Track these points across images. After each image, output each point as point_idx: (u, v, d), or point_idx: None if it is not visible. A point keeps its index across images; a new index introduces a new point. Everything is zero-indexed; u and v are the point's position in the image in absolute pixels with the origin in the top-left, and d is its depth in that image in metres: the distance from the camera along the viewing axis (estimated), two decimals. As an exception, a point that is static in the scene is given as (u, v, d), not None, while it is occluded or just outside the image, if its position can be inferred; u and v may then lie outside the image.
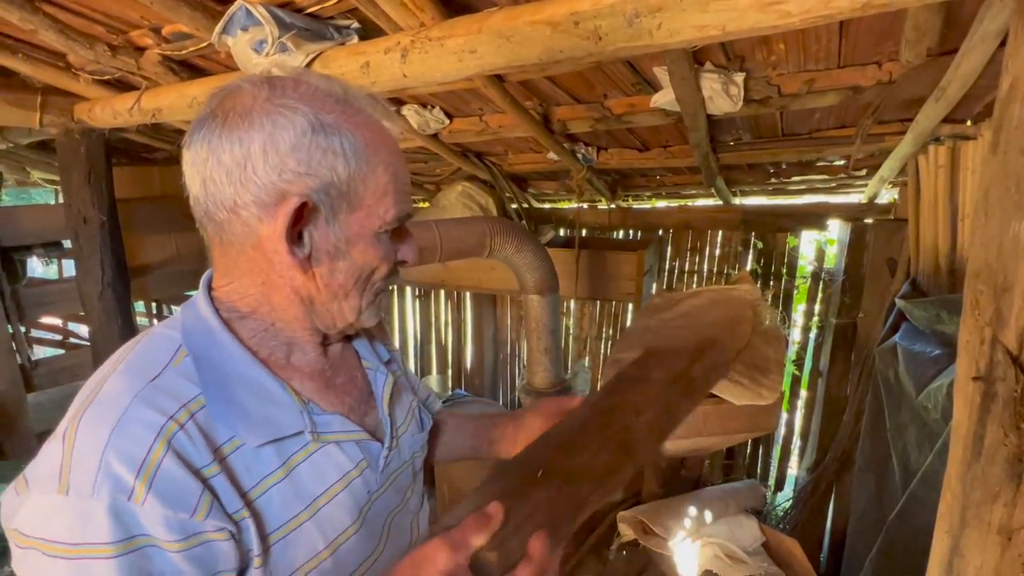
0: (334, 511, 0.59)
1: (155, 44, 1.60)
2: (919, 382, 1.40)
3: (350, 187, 0.54)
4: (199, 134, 0.53)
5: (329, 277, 0.57)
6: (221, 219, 0.54)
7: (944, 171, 1.50)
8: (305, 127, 0.51)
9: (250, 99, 0.52)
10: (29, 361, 2.23)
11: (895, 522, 1.41)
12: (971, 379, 0.67)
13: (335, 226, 0.55)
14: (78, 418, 0.48)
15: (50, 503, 0.45)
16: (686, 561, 1.18)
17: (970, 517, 0.66)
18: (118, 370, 0.52)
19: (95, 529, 0.45)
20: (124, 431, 0.47)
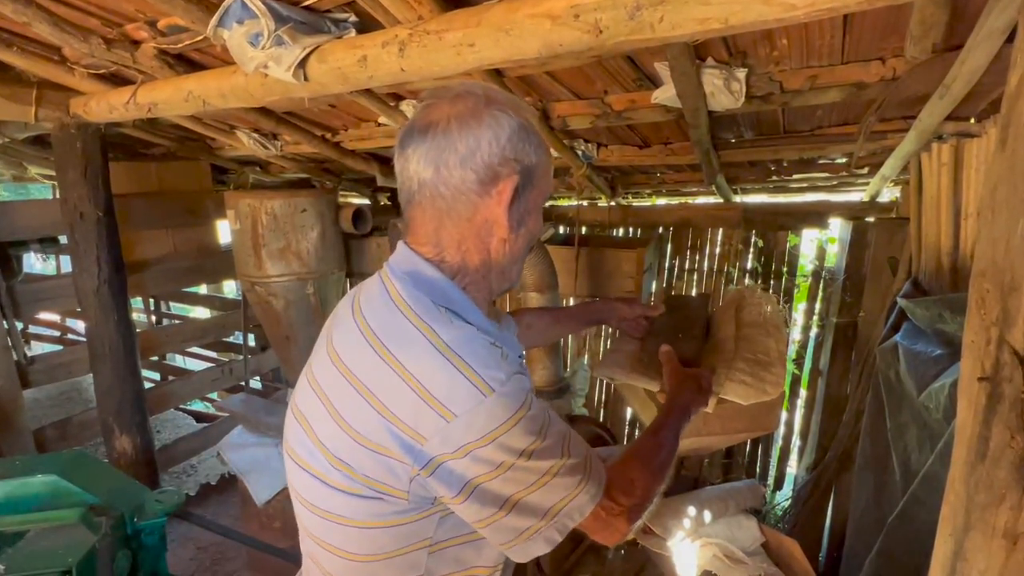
0: None
1: (150, 38, 1.58)
2: (920, 382, 1.38)
3: (536, 170, 0.71)
4: (433, 134, 0.66)
5: (514, 243, 0.73)
6: (447, 196, 0.68)
7: (947, 169, 1.48)
8: (516, 126, 0.68)
9: (475, 105, 0.67)
10: (25, 358, 2.21)
11: (895, 523, 1.40)
12: (976, 379, 0.65)
13: (524, 200, 0.71)
14: (445, 345, 0.62)
15: (490, 406, 0.60)
16: (685, 561, 1.17)
17: (974, 520, 0.65)
18: (425, 320, 0.65)
19: (520, 394, 0.62)
20: (480, 344, 0.64)
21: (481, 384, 0.60)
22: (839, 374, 2.26)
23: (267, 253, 2.42)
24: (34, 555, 1.22)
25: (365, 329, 0.67)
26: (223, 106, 1.59)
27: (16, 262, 2.29)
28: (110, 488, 1.45)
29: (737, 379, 1.17)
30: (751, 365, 1.21)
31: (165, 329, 3.44)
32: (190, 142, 2.86)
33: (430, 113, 0.68)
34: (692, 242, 2.59)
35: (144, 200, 2.69)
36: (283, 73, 1.26)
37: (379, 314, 0.68)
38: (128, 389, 2.35)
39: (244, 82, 1.43)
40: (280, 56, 1.23)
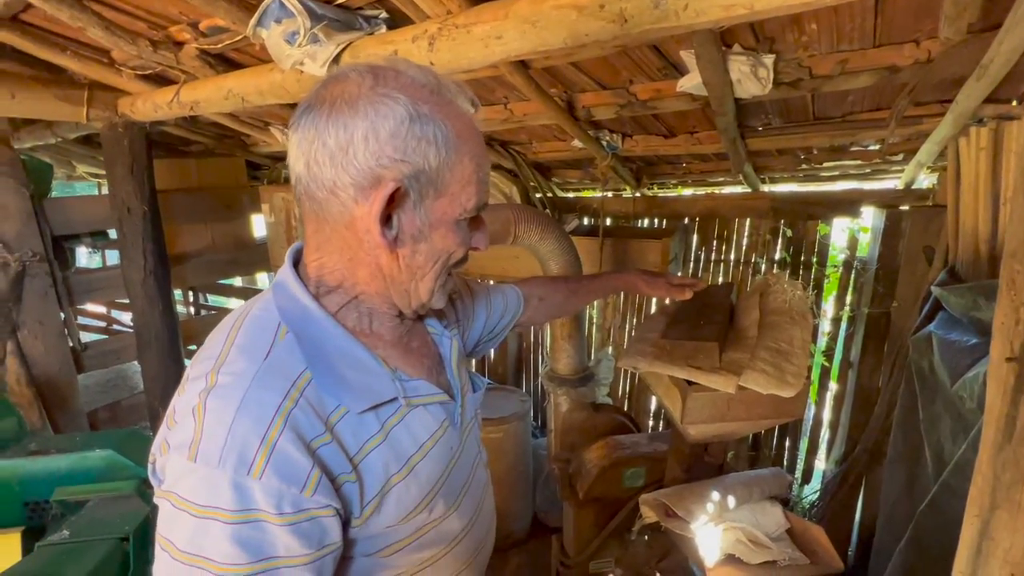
0: (427, 468, 0.66)
1: (193, 39, 1.67)
2: (954, 371, 1.36)
3: (439, 175, 0.58)
4: (307, 118, 0.56)
5: (410, 258, 0.62)
6: (320, 198, 0.58)
7: (986, 154, 1.44)
8: (404, 116, 0.55)
9: (355, 88, 0.55)
10: (79, 344, 2.36)
11: (926, 512, 1.38)
12: (1004, 360, 0.66)
13: (421, 211, 0.59)
14: (207, 394, 0.53)
15: (183, 466, 0.52)
16: (708, 544, 1.18)
17: (1000, 499, 0.66)
18: (231, 353, 0.57)
19: (217, 496, 0.51)
20: (247, 411, 0.52)
21: (194, 444, 0.51)
22: (871, 366, 2.21)
23: (300, 245, 2.51)
24: (95, 522, 1.32)
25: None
26: (260, 103, 1.66)
27: (70, 255, 2.44)
28: (160, 464, 1.55)
29: (759, 368, 1.18)
30: (773, 355, 1.21)
31: (204, 319, 3.59)
32: (227, 139, 2.97)
33: (321, 91, 0.57)
34: (719, 232, 2.57)
35: (184, 195, 2.81)
36: (318, 70, 1.31)
37: (227, 321, 0.63)
38: (172, 375, 2.48)
39: (281, 79, 1.49)
40: (315, 53, 1.28)
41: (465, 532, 0.75)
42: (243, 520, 0.51)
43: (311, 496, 0.53)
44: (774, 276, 1.41)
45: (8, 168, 2.07)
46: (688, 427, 1.22)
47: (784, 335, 1.24)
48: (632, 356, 1.28)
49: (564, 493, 1.72)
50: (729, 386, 1.12)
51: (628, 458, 1.64)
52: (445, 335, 0.77)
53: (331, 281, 0.63)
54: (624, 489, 1.65)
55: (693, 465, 1.45)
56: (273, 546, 0.52)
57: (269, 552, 0.52)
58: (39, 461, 1.43)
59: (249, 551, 0.51)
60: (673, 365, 1.20)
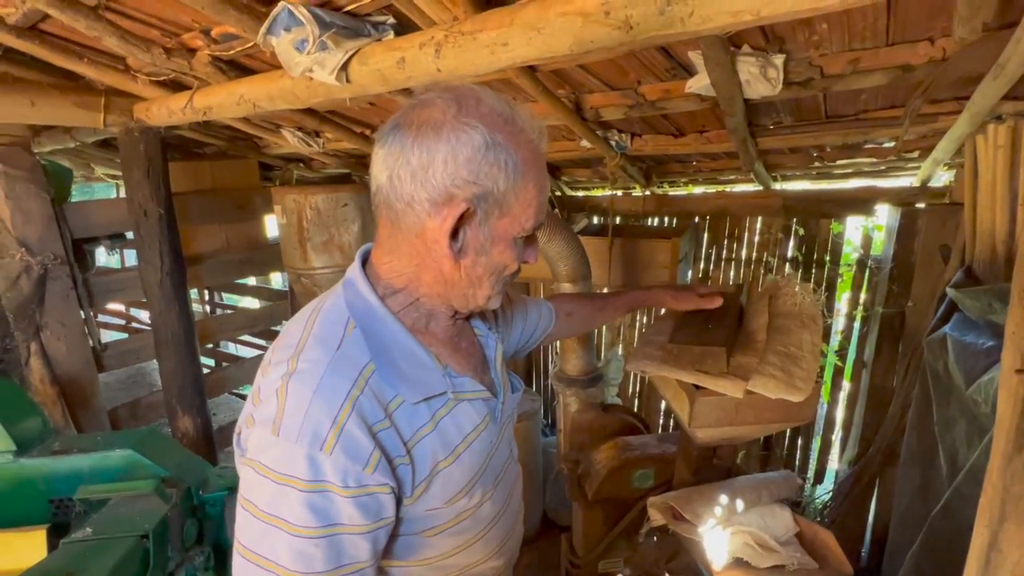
0: (469, 458, 0.73)
1: (205, 46, 1.69)
2: (969, 374, 1.34)
3: (504, 197, 0.64)
4: (394, 136, 0.63)
5: (471, 269, 0.68)
6: (398, 208, 0.64)
7: (1004, 151, 1.41)
8: (480, 144, 0.61)
9: (440, 114, 0.61)
10: (99, 344, 2.42)
11: (938, 517, 1.37)
12: (1015, 372, 0.65)
13: (485, 228, 0.66)
14: (288, 378, 0.61)
15: (267, 439, 0.59)
16: (716, 548, 1.18)
17: (1009, 511, 0.65)
18: (309, 341, 0.64)
19: (294, 466, 0.58)
20: (322, 395, 0.59)
21: (277, 421, 0.58)
22: (885, 366, 2.18)
23: (311, 246, 2.54)
24: (116, 521, 1.36)
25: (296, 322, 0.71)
26: (271, 108, 1.68)
27: (89, 256, 2.50)
28: (178, 463, 1.59)
29: (767, 372, 1.17)
30: (782, 359, 1.20)
31: (219, 318, 3.66)
32: (239, 141, 3.01)
33: (409, 113, 0.63)
34: (730, 231, 2.55)
35: (199, 197, 2.86)
36: (327, 76, 1.32)
37: (302, 314, 0.71)
38: (189, 373, 2.54)
39: (291, 85, 1.51)
40: (324, 60, 1.30)
41: (496, 520, 0.81)
42: (315, 490, 0.58)
43: (371, 474, 0.60)
44: (784, 278, 1.40)
45: (29, 174, 2.12)
46: (696, 431, 1.22)
47: (793, 339, 1.23)
48: (639, 360, 1.28)
49: (573, 493, 1.73)
50: (737, 391, 1.12)
51: (637, 459, 1.64)
52: (491, 337, 0.84)
53: (397, 283, 0.70)
54: (633, 490, 1.65)
55: (702, 467, 1.45)
56: (339, 514, 0.59)
57: (335, 519, 0.59)
58: (63, 460, 1.48)
59: (318, 516, 0.58)
60: (680, 369, 1.20)
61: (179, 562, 1.47)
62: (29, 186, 2.11)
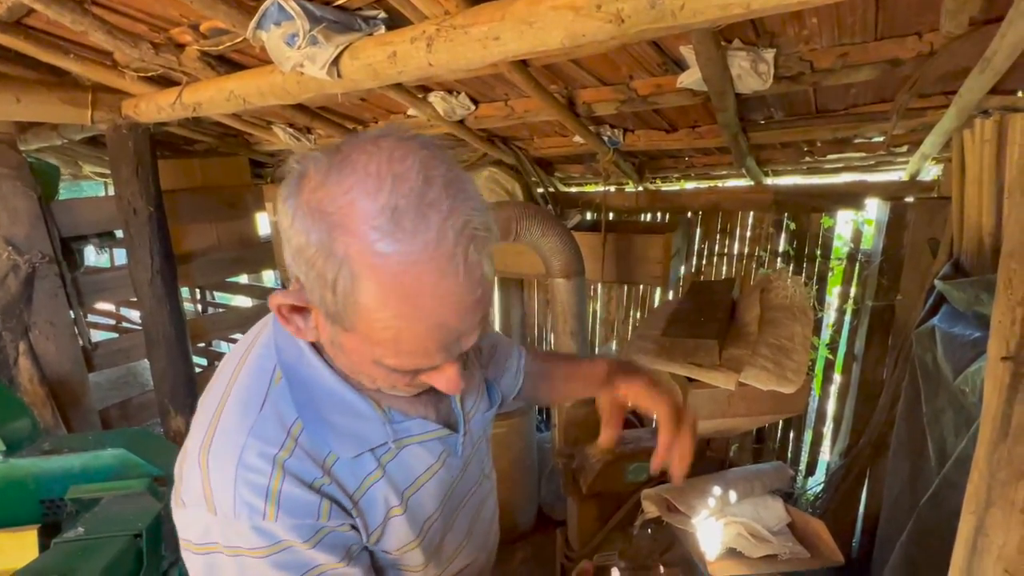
0: (422, 500, 0.67)
1: (194, 41, 1.67)
2: (957, 365, 1.36)
3: (343, 316, 0.48)
4: (291, 172, 0.50)
5: (340, 358, 0.57)
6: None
7: (990, 145, 1.43)
8: (315, 245, 0.46)
9: (306, 180, 0.47)
10: (89, 343, 2.40)
11: (927, 506, 1.39)
12: (1000, 359, 0.66)
13: (333, 329, 0.52)
14: (207, 448, 0.54)
15: (205, 519, 0.54)
16: (709, 539, 1.20)
17: (995, 497, 0.66)
18: (229, 403, 0.57)
19: (244, 539, 0.53)
20: (246, 465, 0.53)
21: (208, 498, 0.53)
22: (875, 359, 2.20)
23: (304, 243, 2.53)
24: (108, 520, 1.35)
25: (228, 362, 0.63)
26: (262, 104, 1.67)
27: (78, 255, 2.47)
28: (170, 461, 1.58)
29: (759, 365, 1.19)
30: (774, 351, 1.22)
31: (211, 317, 3.63)
32: (229, 138, 2.99)
33: (300, 158, 0.50)
34: (722, 226, 2.56)
35: (189, 195, 2.83)
36: (318, 71, 1.31)
37: (231, 359, 0.62)
38: (180, 373, 2.52)
39: (282, 80, 1.49)
40: (315, 55, 1.29)
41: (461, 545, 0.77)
42: (274, 552, 0.54)
43: (327, 521, 0.56)
44: (775, 272, 1.41)
45: (16, 172, 2.09)
46: (689, 423, 1.23)
47: (785, 331, 1.25)
48: (633, 353, 1.29)
49: (568, 488, 1.74)
50: (729, 383, 1.13)
51: (631, 453, 1.65)
52: None
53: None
54: (627, 484, 1.66)
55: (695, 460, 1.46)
56: (313, 560, 0.56)
57: (312, 564, 0.56)
58: (54, 460, 1.47)
59: (294, 569, 0.55)
60: (673, 363, 1.21)
61: (172, 561, 1.46)
62: (15, 184, 2.08)
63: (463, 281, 0.46)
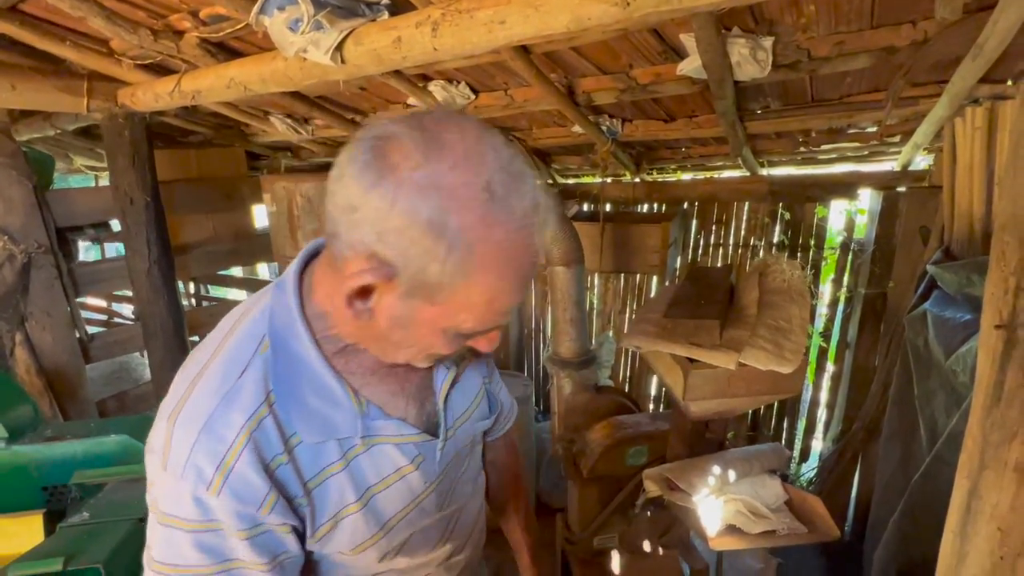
0: (387, 499, 0.65)
1: (193, 27, 1.67)
2: (948, 347, 1.40)
3: (437, 290, 0.50)
4: (359, 145, 0.49)
5: (385, 332, 0.56)
6: (330, 231, 0.52)
7: (981, 133, 1.46)
8: (422, 220, 0.46)
9: (397, 156, 0.47)
10: (86, 334, 2.38)
11: (919, 483, 1.43)
12: (994, 328, 0.69)
13: (406, 305, 0.52)
14: (180, 407, 0.55)
15: (156, 471, 0.55)
16: (710, 516, 1.22)
17: (988, 459, 0.69)
18: (212, 366, 0.56)
19: (180, 506, 0.53)
20: (210, 432, 0.53)
21: (164, 454, 0.53)
22: (867, 346, 2.25)
23: (302, 234, 2.53)
24: (113, 505, 1.36)
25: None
26: (263, 91, 1.67)
27: (73, 246, 2.45)
28: (173, 448, 1.59)
29: (758, 345, 1.21)
30: (772, 332, 1.24)
31: (207, 309, 3.61)
32: (225, 129, 2.97)
33: (372, 137, 0.49)
34: (718, 216, 2.59)
35: (185, 186, 2.82)
36: (321, 56, 1.32)
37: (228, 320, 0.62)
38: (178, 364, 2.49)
39: (284, 67, 1.50)
40: (319, 40, 1.29)
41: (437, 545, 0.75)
42: (204, 529, 0.54)
43: (267, 515, 0.55)
44: (773, 257, 1.44)
45: (10, 160, 2.07)
46: (690, 404, 1.26)
47: (783, 313, 1.27)
48: (635, 336, 1.32)
49: (569, 472, 1.77)
50: (730, 362, 1.16)
51: (631, 437, 1.67)
52: (444, 364, 0.70)
53: (327, 303, 0.59)
54: (627, 467, 1.69)
55: (695, 442, 1.48)
56: (234, 551, 0.55)
57: (230, 555, 0.55)
58: (56, 446, 1.47)
59: (211, 555, 0.54)
60: (675, 343, 1.23)
61: (177, 546, 1.47)
62: (11, 172, 2.06)
63: (539, 246, 0.52)
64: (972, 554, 0.73)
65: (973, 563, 0.73)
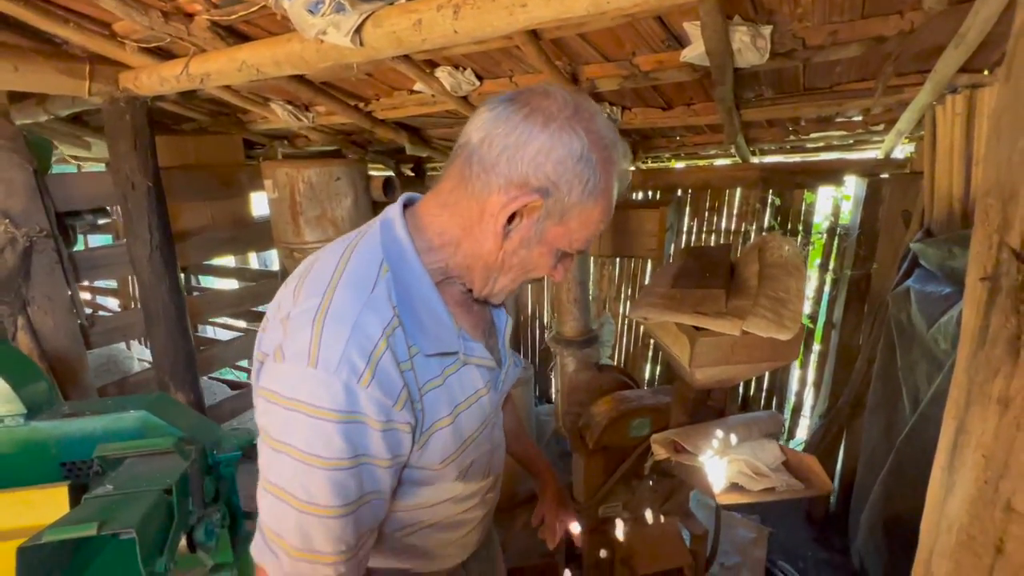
0: (466, 421, 0.74)
1: (204, 10, 1.68)
2: (931, 318, 1.50)
3: (570, 209, 0.66)
4: (506, 107, 0.64)
5: (509, 256, 0.70)
6: (475, 170, 0.65)
7: (961, 119, 1.57)
8: (576, 152, 0.63)
9: (556, 108, 0.63)
10: (86, 320, 2.37)
11: (905, 442, 1.53)
12: (979, 280, 0.77)
13: (539, 226, 0.67)
14: (325, 310, 0.62)
15: (300, 372, 0.59)
16: (715, 474, 1.31)
17: (974, 397, 0.77)
18: (344, 278, 0.65)
19: (332, 398, 0.59)
20: (360, 329, 0.61)
21: (313, 353, 0.59)
22: (852, 325, 2.37)
23: (304, 220, 2.54)
24: (137, 477, 1.38)
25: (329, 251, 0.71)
26: (276, 74, 1.69)
27: (72, 232, 2.43)
28: (191, 424, 1.61)
29: (760, 314, 1.30)
30: (772, 302, 1.33)
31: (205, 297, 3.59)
32: (222, 116, 2.96)
33: (527, 94, 0.65)
34: (711, 203, 2.69)
35: (183, 173, 2.81)
36: (341, 38, 1.36)
37: (335, 249, 0.70)
38: (180, 349, 2.52)
39: (300, 49, 1.53)
40: (339, 22, 1.33)
41: (484, 473, 0.85)
42: (350, 420, 0.60)
43: (399, 411, 0.63)
44: (771, 235, 1.53)
45: (11, 143, 2.05)
46: (695, 371, 1.34)
47: (781, 285, 1.36)
48: (643, 307, 1.39)
49: (575, 444, 1.84)
50: (735, 329, 1.24)
51: (634, 409, 1.75)
52: (501, 311, 0.87)
53: (436, 240, 0.70)
54: (631, 438, 1.77)
55: (697, 410, 1.57)
56: (368, 446, 0.62)
57: (364, 451, 0.62)
58: (76, 423, 1.48)
59: (351, 446, 0.61)
60: (682, 313, 1.31)
61: (199, 518, 1.50)
62: (11, 155, 2.05)
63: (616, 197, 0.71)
64: (959, 484, 0.82)
65: (960, 491, 0.81)
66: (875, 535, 1.71)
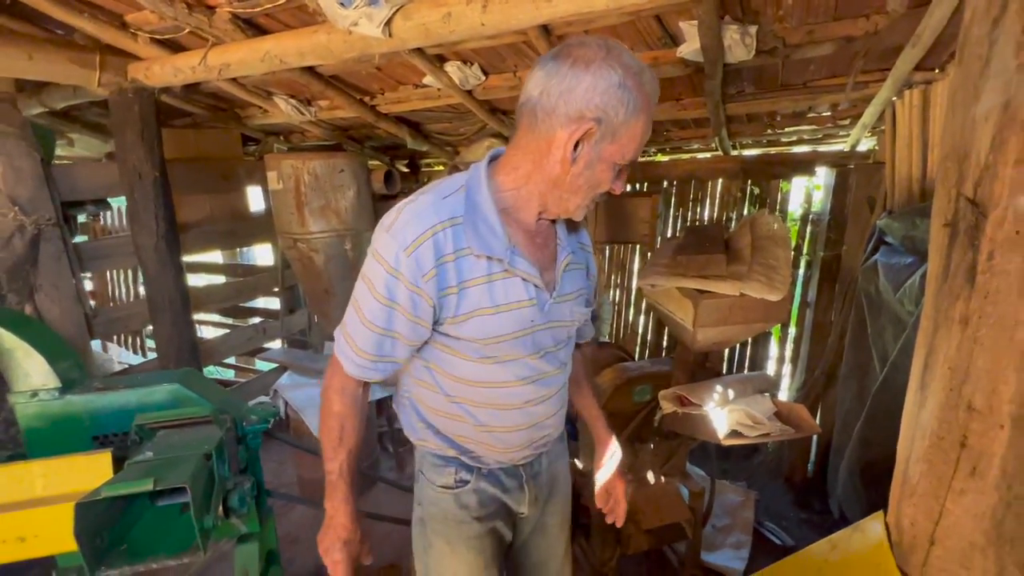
0: (510, 319, 0.93)
1: (227, 2, 1.76)
2: (896, 285, 1.70)
3: (619, 129, 0.82)
4: (554, 63, 0.81)
5: (576, 177, 0.86)
6: (540, 116, 0.83)
7: (917, 111, 1.79)
8: (616, 82, 0.79)
9: (593, 54, 0.80)
10: (90, 310, 2.38)
11: (878, 392, 1.72)
12: (942, 227, 0.94)
13: (598, 148, 0.84)
14: (408, 204, 0.88)
15: (382, 234, 0.87)
16: (718, 422, 1.46)
17: (940, 322, 0.94)
18: (429, 190, 0.90)
19: (389, 255, 0.85)
20: (420, 219, 0.86)
21: (391, 225, 0.86)
22: (825, 303, 2.59)
23: (309, 211, 2.61)
24: (173, 445, 1.44)
25: None
26: (299, 64, 1.78)
27: (73, 221, 2.44)
28: (220, 398, 1.66)
29: (754, 278, 1.47)
30: (764, 268, 1.50)
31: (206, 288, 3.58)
32: (220, 111, 3.00)
33: (568, 49, 0.82)
34: (694, 194, 2.88)
35: (185, 166, 2.83)
36: (373, 29, 1.47)
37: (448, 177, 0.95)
38: (185, 338, 2.54)
39: (327, 40, 1.62)
40: (372, 14, 1.44)
41: (523, 383, 0.98)
42: (392, 273, 0.85)
43: (425, 283, 0.86)
44: (759, 213, 1.71)
45: (19, 131, 2.06)
46: (697, 331, 1.50)
47: (771, 254, 1.53)
48: (650, 276, 1.54)
49: (581, 412, 1.97)
50: (734, 290, 1.40)
51: (637, 376, 1.90)
52: (567, 247, 1.01)
53: (511, 175, 0.91)
54: (634, 404, 1.92)
55: (696, 372, 1.73)
56: (398, 296, 0.87)
57: (395, 299, 0.87)
58: (109, 396, 1.53)
59: (389, 292, 0.87)
60: (686, 278, 1.46)
61: (232, 486, 1.57)
62: (20, 143, 2.06)
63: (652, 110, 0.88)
64: (930, 397, 0.98)
65: (930, 402, 0.98)
66: (853, 480, 1.90)
